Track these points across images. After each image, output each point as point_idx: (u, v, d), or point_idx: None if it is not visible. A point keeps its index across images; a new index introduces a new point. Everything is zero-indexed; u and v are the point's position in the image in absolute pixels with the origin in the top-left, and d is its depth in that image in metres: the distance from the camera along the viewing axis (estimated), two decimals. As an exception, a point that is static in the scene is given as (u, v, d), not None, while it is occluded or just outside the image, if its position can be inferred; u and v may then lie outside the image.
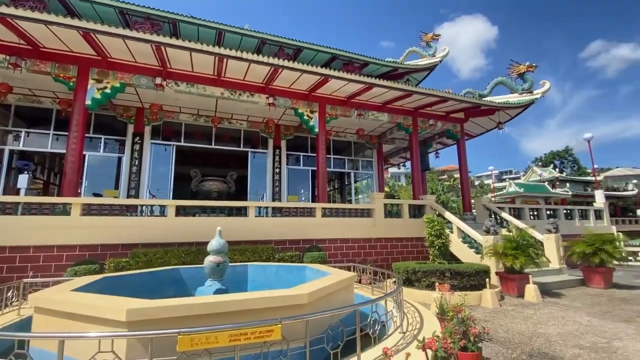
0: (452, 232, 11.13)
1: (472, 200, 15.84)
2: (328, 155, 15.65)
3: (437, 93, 12.17)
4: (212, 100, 12.06)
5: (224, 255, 5.15)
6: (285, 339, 2.76)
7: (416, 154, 14.07)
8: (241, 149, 14.45)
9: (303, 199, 16.53)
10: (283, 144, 15.05)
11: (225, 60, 9.77)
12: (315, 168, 12.89)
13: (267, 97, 11.41)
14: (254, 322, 2.72)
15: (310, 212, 11.07)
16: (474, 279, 7.80)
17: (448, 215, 11.73)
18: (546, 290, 8.61)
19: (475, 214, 14.40)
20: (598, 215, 16.50)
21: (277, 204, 11.56)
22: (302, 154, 15.58)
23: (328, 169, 15.28)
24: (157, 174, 12.88)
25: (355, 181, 18.10)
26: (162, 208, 9.49)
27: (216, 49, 9.16)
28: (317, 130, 12.27)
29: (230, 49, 9.40)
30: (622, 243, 10.00)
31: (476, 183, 70.05)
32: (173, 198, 12.41)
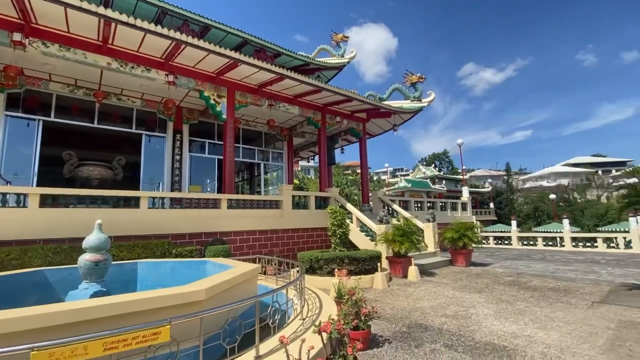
0: (352, 222, 12.05)
1: (370, 194, 17.44)
2: (237, 145, 15.05)
3: (344, 92, 12.90)
4: (95, 71, 10.18)
5: (105, 253, 4.44)
6: (176, 340, 2.53)
7: (324, 148, 14.69)
8: (133, 130, 12.66)
9: (208, 189, 15.53)
10: (185, 128, 13.79)
11: (113, 25, 8.34)
12: (222, 157, 12.22)
13: (167, 75, 10.24)
14: (137, 326, 2.41)
15: (215, 204, 10.48)
16: (368, 263, 8.62)
17: (349, 206, 12.64)
18: (424, 271, 10.11)
19: (372, 205, 15.91)
20: (464, 207, 20.16)
21: (175, 195, 10.57)
22: (207, 141, 14.57)
23: (237, 159, 14.70)
24: (14, 154, 10.27)
25: (266, 172, 17.91)
26: (21, 197, 7.64)
27: (100, 10, 7.73)
28: (224, 116, 11.62)
29: (121, 13, 8.07)
30: (479, 230, 12.46)
31: (374, 178, 77.27)
32: (38, 185, 10.12)
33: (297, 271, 7.36)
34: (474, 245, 11.88)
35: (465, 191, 21.38)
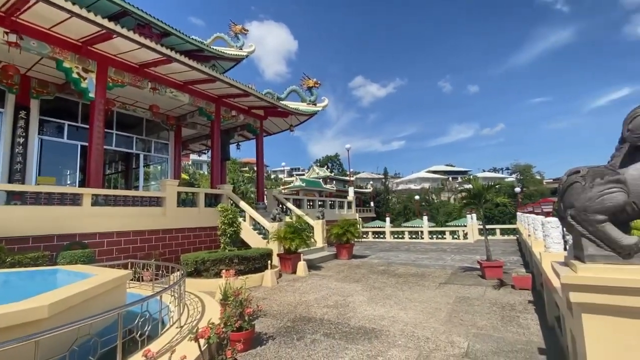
0: (245, 221, 11.77)
1: (266, 192, 17.41)
2: (109, 130, 12.84)
3: (241, 86, 12.50)
4: None
5: None
6: (-5, 374, 1.98)
7: (217, 142, 13.91)
8: (-54, 99, 9.37)
9: (69, 182, 12.79)
10: (35, 104, 10.98)
11: None
12: (87, 143, 10.19)
13: (7, 33, 7.95)
14: None
15: (74, 200, 8.67)
16: (259, 262, 8.58)
17: (242, 204, 12.32)
18: (312, 265, 10.67)
19: (266, 203, 15.91)
20: (349, 205, 22.17)
21: (14, 187, 8.32)
22: (67, 122, 11.93)
23: (108, 147, 12.54)
24: None
25: (147, 165, 15.82)
26: None
27: None
28: (92, 95, 9.73)
29: None
30: (360, 226, 13.90)
31: (272, 177, 77.54)
32: None
33: (180, 275, 6.77)
34: (355, 239, 13.16)
35: (351, 191, 23.53)
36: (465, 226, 19.65)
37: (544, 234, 4.99)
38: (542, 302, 5.47)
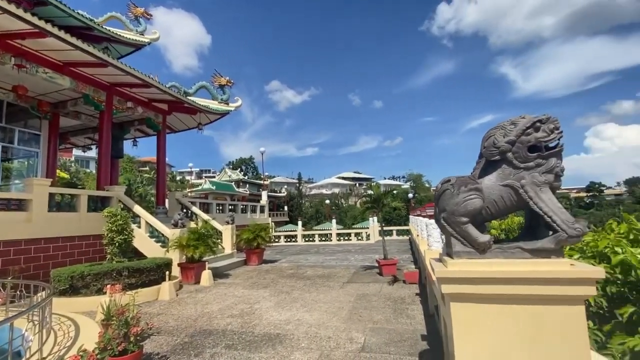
0: (139, 227, 10.44)
1: (168, 195, 15.81)
2: (-55, 112, 9.88)
3: (139, 75, 11.12)
4: None
5: None
6: None
7: (107, 136, 12.04)
8: None
9: None
10: None
11: None
12: None
13: None
14: None
15: None
16: (155, 273, 7.69)
17: (137, 209, 10.91)
18: (219, 273, 10.08)
19: (167, 208, 14.44)
20: (262, 210, 21.83)
21: None
22: None
23: (-58, 134, 9.61)
24: None
25: (8, 160, 12.69)
26: None
27: None
28: None
29: None
30: (272, 230, 13.77)
31: (178, 178, 71.13)
32: None
33: (48, 294, 5.59)
34: (267, 244, 12.98)
35: (265, 195, 23.25)
36: (368, 228, 21.39)
37: (427, 234, 5.76)
38: (426, 294, 6.28)
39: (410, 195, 42.21)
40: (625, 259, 3.63)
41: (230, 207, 18.61)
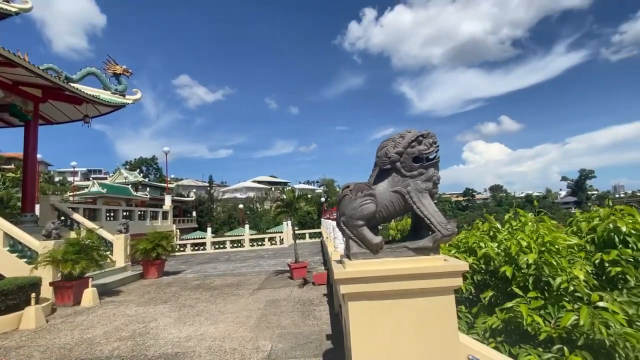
0: (-7, 240, 8.29)
1: (41, 199, 13.01)
2: None
3: None
4: None
5: None
6: None
7: (-55, 124, 9.27)
8: None
9: None
10: None
11: None
12: None
13: None
14: None
15: None
16: (16, 296, 6.19)
17: (-9, 217, 8.66)
18: (107, 291, 8.71)
19: (39, 215, 11.87)
20: (165, 216, 19.79)
21: None
22: None
23: None
24: None
25: None
26: None
27: None
28: None
29: None
30: (177, 238, 12.57)
31: (57, 179, 59.54)
32: None
33: None
34: (169, 254, 11.79)
35: (168, 200, 21.15)
36: (282, 232, 21.42)
37: (334, 236, 6.05)
38: (333, 294, 6.56)
39: (323, 199, 43.96)
40: (487, 252, 4.43)
41: (124, 213, 16.34)
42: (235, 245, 20.90)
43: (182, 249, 19.95)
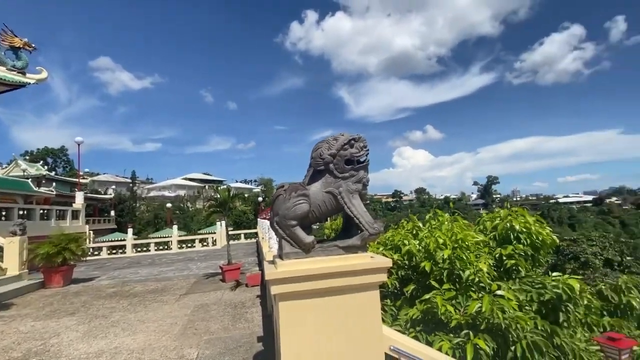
0: None
1: None
2: None
3: None
4: None
5: None
6: None
7: None
8: None
9: None
10: None
11: None
12: None
13: None
14: None
15: None
16: None
17: None
18: (-7, 305, 7.29)
19: None
20: (75, 215, 17.34)
21: None
22: None
23: None
24: None
25: None
26: None
27: None
28: None
29: None
30: (89, 240, 11.07)
31: None
32: None
33: None
34: (79, 259, 10.35)
35: (80, 197, 18.59)
36: (215, 233, 20.44)
37: (268, 236, 5.97)
38: (266, 295, 6.47)
39: (260, 198, 43.16)
40: (410, 249, 4.82)
41: (21, 212, 13.89)
42: (161, 247, 19.28)
43: (96, 252, 17.67)
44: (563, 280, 3.94)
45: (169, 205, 40.02)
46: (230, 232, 24.65)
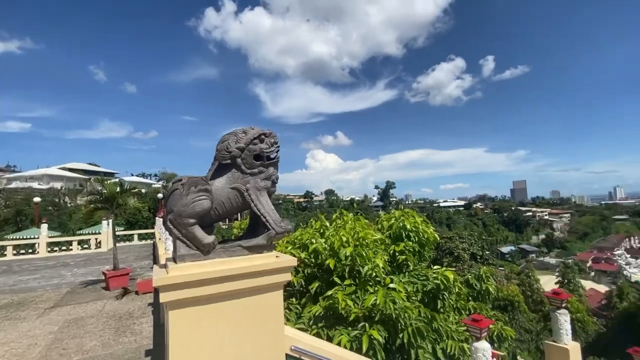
0: None
1: None
2: None
3: None
4: None
5: None
6: None
7: None
8: None
9: None
10: None
11: None
12: None
13: None
14: None
15: None
16: None
17: None
18: None
19: None
20: None
21: None
22: None
23: None
24: None
25: None
26: None
27: None
28: None
29: None
30: None
31: None
32: None
33: None
34: None
35: None
36: (100, 233, 17.55)
37: (165, 237, 5.37)
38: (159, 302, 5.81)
39: (160, 195, 38.95)
40: (317, 247, 4.94)
41: None
42: (23, 251, 15.57)
43: None
44: (441, 272, 4.57)
45: (37, 199, 32.63)
46: (120, 233, 21.58)
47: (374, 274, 4.34)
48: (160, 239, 9.02)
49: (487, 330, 3.77)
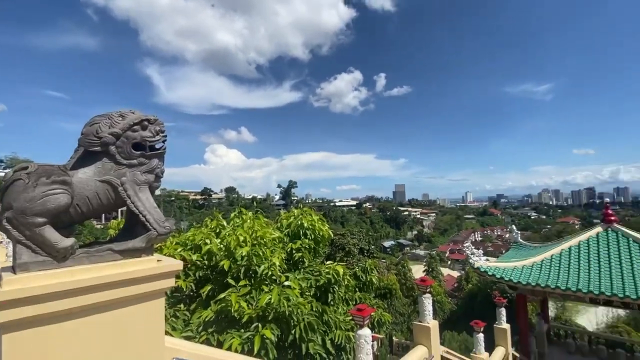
0: None
1: None
2: None
3: None
4: None
5: None
6: None
7: None
8: None
9: None
10: None
11: None
12: None
13: None
14: None
15: None
16: None
17: None
18: None
19: None
20: None
21: None
22: None
23: None
24: None
25: None
26: None
27: None
28: None
29: None
30: None
31: None
32: None
33: None
34: None
35: None
36: None
37: (7, 240, 4.21)
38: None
39: None
40: (211, 248, 4.63)
41: None
42: None
43: None
44: (332, 267, 4.86)
45: None
46: None
47: (270, 272, 4.32)
48: (1, 241, 7.05)
49: (369, 318, 4.19)
